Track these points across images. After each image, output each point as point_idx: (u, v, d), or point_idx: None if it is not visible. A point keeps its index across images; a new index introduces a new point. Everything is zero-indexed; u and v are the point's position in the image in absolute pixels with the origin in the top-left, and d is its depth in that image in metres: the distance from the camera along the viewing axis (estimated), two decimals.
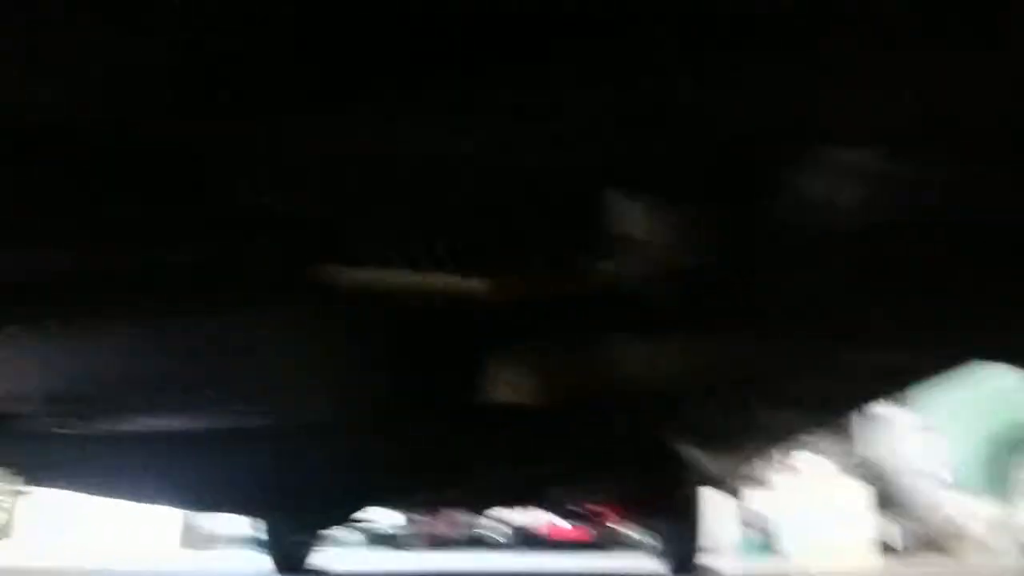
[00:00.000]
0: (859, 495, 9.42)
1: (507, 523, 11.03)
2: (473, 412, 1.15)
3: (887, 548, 9.71)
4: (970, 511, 9.10)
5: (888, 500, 10.24)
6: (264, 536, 3.71)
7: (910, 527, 10.32)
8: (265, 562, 3.73)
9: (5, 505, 4.65)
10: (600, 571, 4.99)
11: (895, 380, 1.38)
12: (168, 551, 9.35)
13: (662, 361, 1.12)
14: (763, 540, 9.68)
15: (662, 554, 3.98)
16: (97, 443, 1.39)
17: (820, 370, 1.37)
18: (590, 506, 3.31)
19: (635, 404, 1.34)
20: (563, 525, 9.71)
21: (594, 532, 10.44)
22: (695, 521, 3.62)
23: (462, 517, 11.00)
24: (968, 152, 0.67)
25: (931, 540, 10.09)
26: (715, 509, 9.99)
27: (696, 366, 1.24)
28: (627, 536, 10.81)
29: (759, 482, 10.67)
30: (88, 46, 0.59)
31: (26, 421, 1.20)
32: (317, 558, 3.93)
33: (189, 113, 0.65)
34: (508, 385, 1.10)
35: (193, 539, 10.49)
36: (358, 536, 11.04)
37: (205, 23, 0.58)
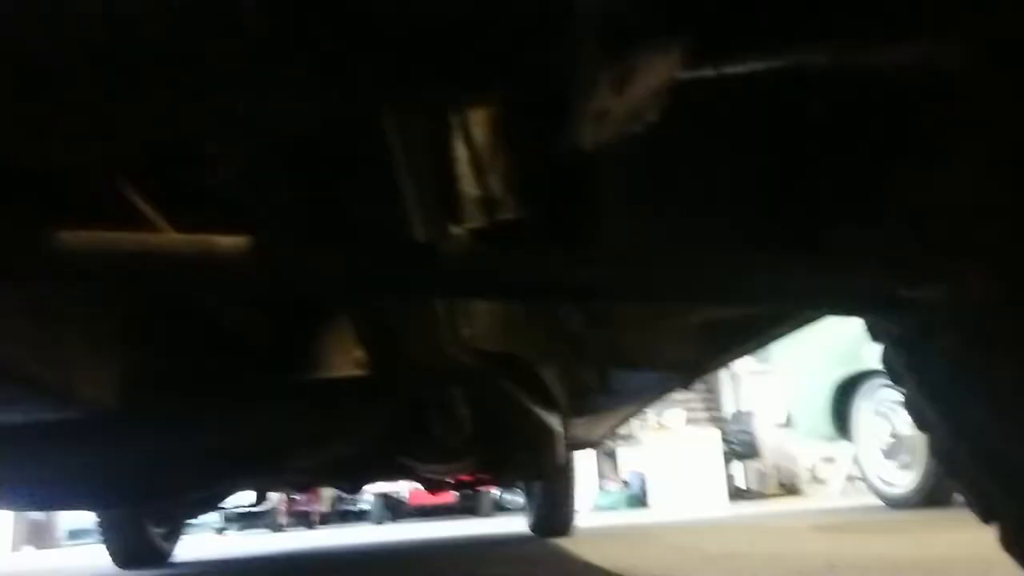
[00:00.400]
0: (713, 444, 9.97)
1: (372, 494, 10.88)
2: (307, 389, 1.02)
3: (738, 491, 10.36)
4: (812, 453, 9.83)
5: (739, 446, 10.89)
6: (105, 530, 3.43)
7: (759, 470, 11.03)
8: (105, 557, 3.46)
9: None
10: (470, 535, 4.99)
11: (747, 338, 1.36)
12: (2, 552, 8.68)
13: (503, 328, 1.02)
14: (636, 494, 10.09)
15: (532, 515, 4.01)
16: None
17: (671, 332, 1.33)
18: (457, 475, 3.26)
19: (490, 373, 1.25)
20: (430, 493, 9.71)
21: (462, 498, 10.50)
22: (564, 483, 3.65)
23: (326, 492, 10.78)
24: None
25: (777, 481, 10.84)
26: (588, 468, 10.33)
27: (542, 331, 1.16)
28: (497, 499, 10.98)
29: (630, 439, 11.11)
30: None
31: None
32: (167, 546, 3.70)
33: None
34: (340, 359, 0.98)
35: (32, 538, 9.77)
36: (217, 518, 10.60)
37: None
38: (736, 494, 10.18)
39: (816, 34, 0.55)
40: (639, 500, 10.02)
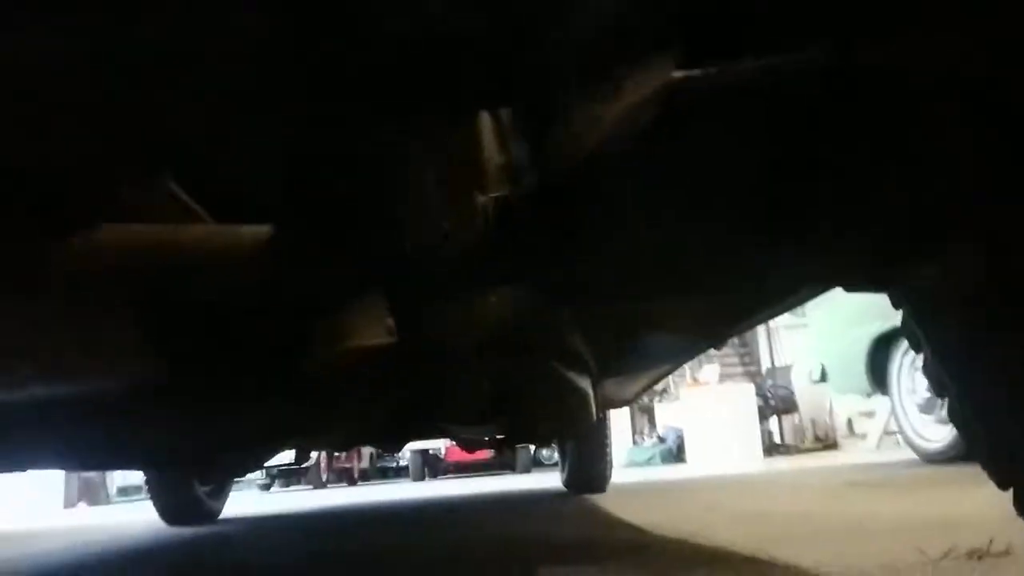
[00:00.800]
0: (748, 398, 9.96)
1: (410, 451, 11.08)
2: (339, 359, 1.05)
3: (774, 446, 10.37)
4: (849, 407, 9.79)
5: (775, 401, 10.87)
6: (153, 488, 3.56)
7: (795, 425, 11.02)
8: (154, 513, 3.60)
9: None
10: (505, 491, 5.08)
11: (773, 303, 1.36)
12: (55, 509, 9.03)
13: (533, 303, 1.04)
14: (671, 449, 10.15)
15: (566, 472, 4.06)
16: None
17: (699, 297, 1.34)
18: (491, 435, 3.31)
19: (521, 344, 1.27)
20: (466, 451, 9.86)
21: (499, 454, 10.65)
22: (598, 441, 3.68)
23: (365, 449, 11.00)
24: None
25: (814, 435, 10.82)
26: (623, 424, 10.40)
27: (571, 302, 1.17)
28: (533, 455, 11.13)
29: (665, 395, 11.15)
30: None
31: None
32: (214, 504, 3.82)
33: None
34: (371, 328, 1.00)
35: (84, 495, 10.14)
36: (262, 475, 10.90)
37: None
38: (772, 449, 10.18)
39: (804, 38, 0.55)
40: (675, 455, 10.08)
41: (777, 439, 10.83)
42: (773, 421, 10.99)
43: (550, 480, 5.46)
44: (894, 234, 0.70)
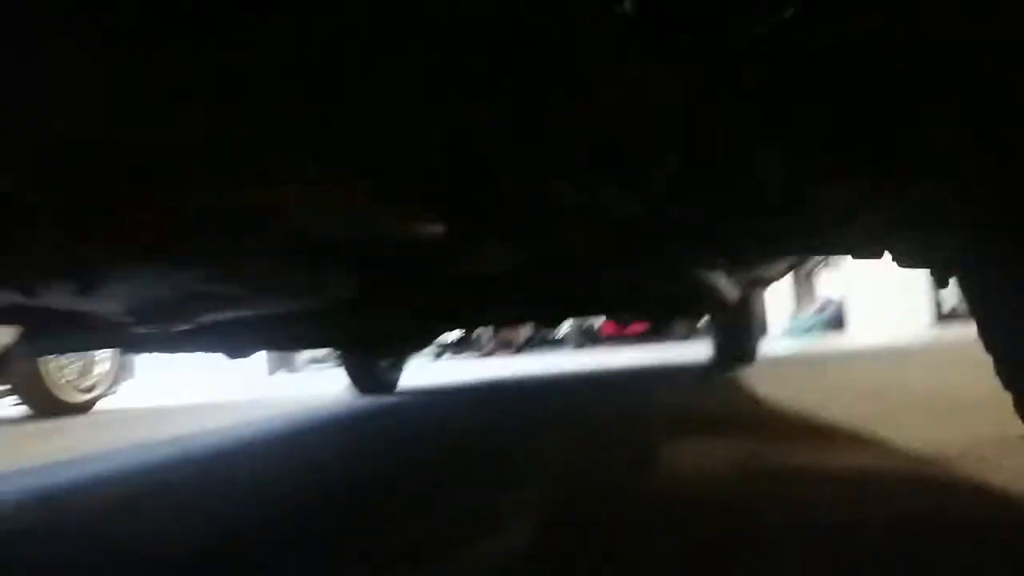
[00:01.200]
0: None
1: (568, 324, 11.52)
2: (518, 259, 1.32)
3: (942, 315, 9.91)
4: None
5: None
6: (345, 362, 4.11)
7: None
8: (345, 381, 4.16)
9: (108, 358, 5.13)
10: (659, 362, 5.29)
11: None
12: (261, 377, 10.25)
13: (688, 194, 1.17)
14: (833, 318, 9.94)
15: (712, 345, 4.19)
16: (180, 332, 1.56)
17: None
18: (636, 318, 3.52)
19: (647, 251, 1.45)
20: (620, 325, 10.13)
21: (651, 326, 10.83)
22: (744, 316, 3.76)
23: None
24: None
25: None
26: (784, 292, 10.16)
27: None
28: (684, 327, 11.23)
29: (828, 264, 10.81)
30: None
31: (109, 322, 1.36)
32: (392, 376, 4.35)
33: None
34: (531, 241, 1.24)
35: (283, 364, 11.43)
36: (434, 347, 11.77)
37: None
38: (942, 317, 9.75)
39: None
40: (836, 324, 9.88)
41: (947, 306, 10.33)
42: (944, 289, 10.43)
43: (704, 350, 5.61)
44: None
